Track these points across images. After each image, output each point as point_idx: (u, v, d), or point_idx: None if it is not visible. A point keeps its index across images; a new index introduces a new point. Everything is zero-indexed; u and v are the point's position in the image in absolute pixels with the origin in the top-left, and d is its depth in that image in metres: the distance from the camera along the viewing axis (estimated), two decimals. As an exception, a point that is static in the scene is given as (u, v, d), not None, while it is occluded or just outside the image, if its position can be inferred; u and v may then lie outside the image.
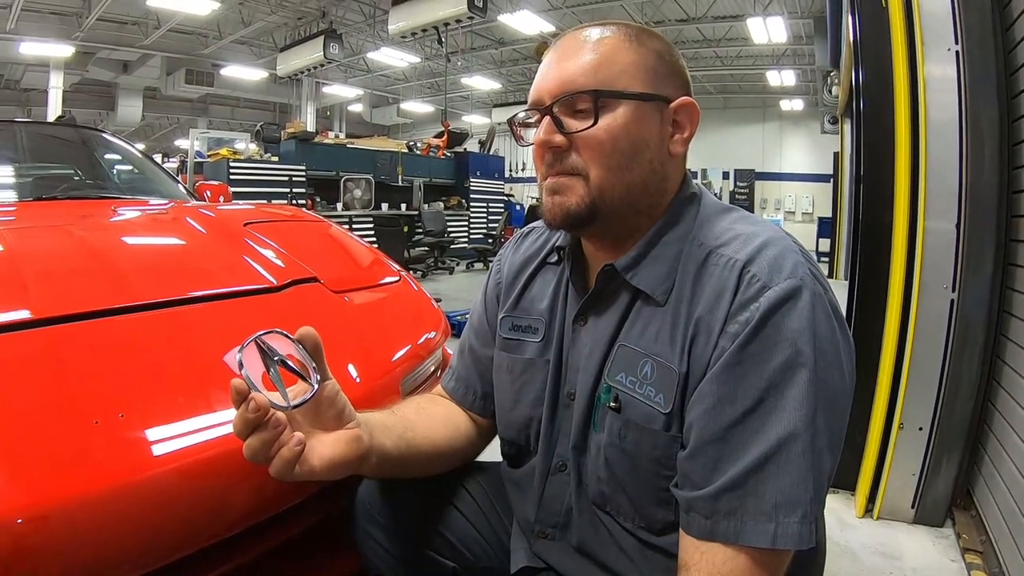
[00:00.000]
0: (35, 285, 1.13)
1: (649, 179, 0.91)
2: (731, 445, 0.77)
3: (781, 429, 0.75)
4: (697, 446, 0.80)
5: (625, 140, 0.88)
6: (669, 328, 0.87)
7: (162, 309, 1.14)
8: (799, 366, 0.76)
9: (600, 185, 0.88)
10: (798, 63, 16.66)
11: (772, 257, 0.82)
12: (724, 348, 0.80)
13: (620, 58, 0.89)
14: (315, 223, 2.03)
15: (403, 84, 23.15)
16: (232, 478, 0.84)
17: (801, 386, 0.76)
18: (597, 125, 0.87)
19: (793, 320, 0.77)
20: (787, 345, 0.76)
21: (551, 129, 0.89)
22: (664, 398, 0.85)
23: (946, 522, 2.48)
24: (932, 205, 2.33)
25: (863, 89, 2.68)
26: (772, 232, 0.87)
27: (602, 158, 0.88)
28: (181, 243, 1.63)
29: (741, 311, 0.80)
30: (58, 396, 0.88)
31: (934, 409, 2.40)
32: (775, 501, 0.74)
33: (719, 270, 0.85)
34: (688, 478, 0.81)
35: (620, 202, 0.90)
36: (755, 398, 0.77)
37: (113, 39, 16.02)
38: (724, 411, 0.78)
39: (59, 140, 3.07)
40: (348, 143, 12.85)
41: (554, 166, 0.91)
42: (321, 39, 14.55)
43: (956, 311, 2.32)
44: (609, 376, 0.92)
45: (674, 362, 0.85)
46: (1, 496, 0.72)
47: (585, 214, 0.89)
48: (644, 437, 0.87)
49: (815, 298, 0.79)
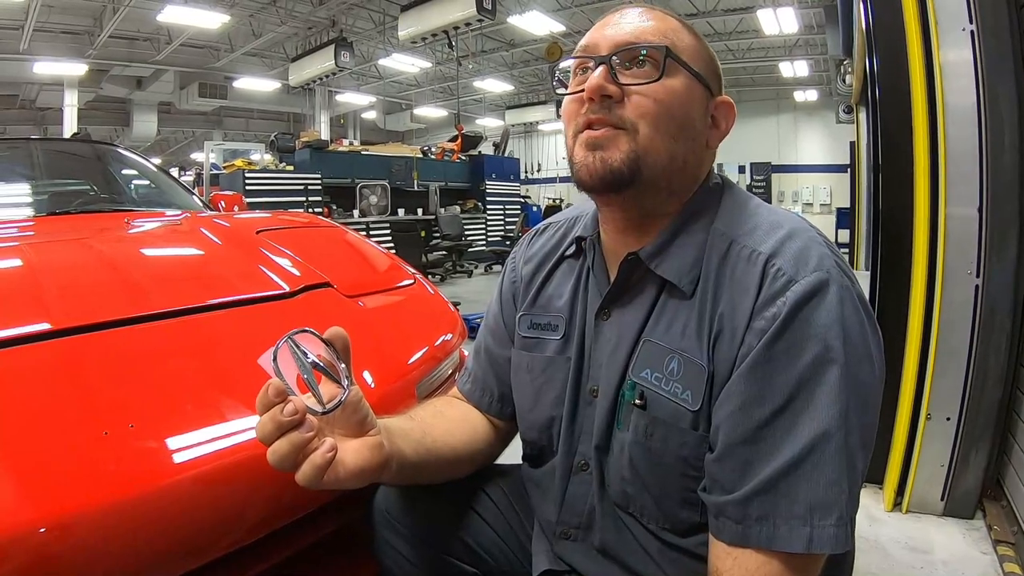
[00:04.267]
0: (51, 297, 1.13)
1: (689, 158, 0.90)
2: (761, 447, 0.75)
3: (813, 429, 0.73)
4: (725, 448, 0.78)
5: (680, 109, 0.86)
6: (696, 322, 0.85)
7: (173, 318, 1.14)
8: (829, 362, 0.74)
9: (647, 145, 0.85)
10: (810, 53, 16.55)
11: (797, 250, 0.80)
12: (751, 345, 0.77)
13: (684, 36, 0.89)
14: (328, 228, 2.03)
15: (415, 90, 23.24)
16: (244, 487, 0.84)
17: (832, 383, 0.73)
18: (661, 82, 0.85)
19: (822, 315, 0.75)
20: (816, 341, 0.74)
21: (608, 76, 0.86)
22: (692, 395, 0.83)
23: (976, 514, 2.44)
24: (953, 191, 2.30)
25: (878, 76, 2.65)
26: (795, 223, 0.85)
27: (655, 118, 0.85)
28: (194, 252, 1.64)
29: (767, 307, 0.78)
30: (71, 407, 0.88)
31: (961, 398, 2.36)
32: (809, 504, 0.72)
33: (742, 263, 0.82)
34: (717, 482, 0.79)
35: (662, 170, 0.87)
36: (785, 397, 0.74)
37: (125, 56, 16.20)
38: (753, 412, 0.76)
39: (74, 156, 3.10)
40: (362, 150, 12.91)
41: (598, 114, 0.86)
42: (332, 48, 14.63)
43: (981, 297, 2.28)
44: (634, 372, 0.90)
45: (702, 358, 0.83)
46: (23, 506, 0.72)
47: (627, 173, 0.85)
48: (671, 435, 0.85)
49: (843, 291, 0.77)
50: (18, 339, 0.99)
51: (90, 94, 17.48)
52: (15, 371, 0.92)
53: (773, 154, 19.79)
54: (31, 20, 13.12)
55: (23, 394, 0.89)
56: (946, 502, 2.45)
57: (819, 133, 19.61)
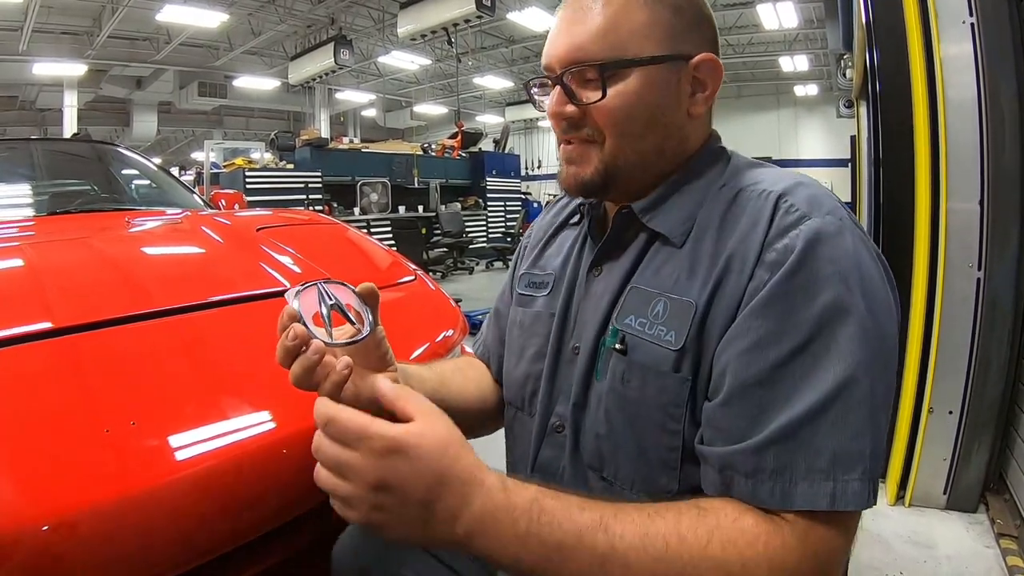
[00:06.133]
0: (53, 296, 1.13)
1: (665, 144, 0.87)
2: (778, 389, 0.67)
3: (838, 372, 0.66)
4: (734, 391, 0.70)
5: (638, 108, 0.83)
6: (688, 265, 0.80)
7: (175, 316, 1.14)
8: (851, 306, 0.68)
9: (613, 153, 0.85)
10: (810, 47, 16.54)
11: (810, 194, 0.76)
12: (763, 279, 0.71)
13: (631, 18, 0.83)
14: (329, 226, 2.02)
15: (415, 87, 23.25)
16: (248, 483, 0.84)
17: (855, 328, 0.67)
18: (607, 97, 0.82)
19: (840, 256, 0.70)
20: (837, 281, 0.68)
21: (562, 100, 0.86)
22: (676, 335, 0.77)
23: (979, 507, 2.44)
24: (954, 185, 2.30)
25: (878, 70, 2.65)
26: (805, 178, 0.82)
27: (615, 127, 0.84)
28: (195, 251, 1.64)
29: (779, 238, 0.72)
30: (73, 405, 0.88)
31: (964, 392, 2.36)
32: (833, 455, 0.65)
33: (752, 201, 0.79)
34: (722, 430, 0.71)
35: (633, 168, 0.86)
36: (805, 336, 0.68)
37: (125, 56, 16.22)
38: (769, 349, 0.69)
39: (75, 156, 3.10)
40: (363, 148, 12.91)
41: (568, 133, 0.87)
42: (331, 46, 14.65)
43: (983, 291, 2.29)
44: (618, 320, 0.85)
45: (691, 294, 0.77)
46: (26, 504, 0.73)
47: (599, 183, 0.87)
48: (649, 379, 0.79)
49: (858, 240, 0.72)
50: (21, 337, 0.99)
51: (90, 94, 17.51)
52: (17, 369, 0.93)
53: (773, 149, 19.78)
54: (30, 21, 13.13)
55: (25, 392, 0.89)
56: (949, 496, 2.45)
57: (819, 127, 19.63)
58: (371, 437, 0.64)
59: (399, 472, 0.64)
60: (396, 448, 0.64)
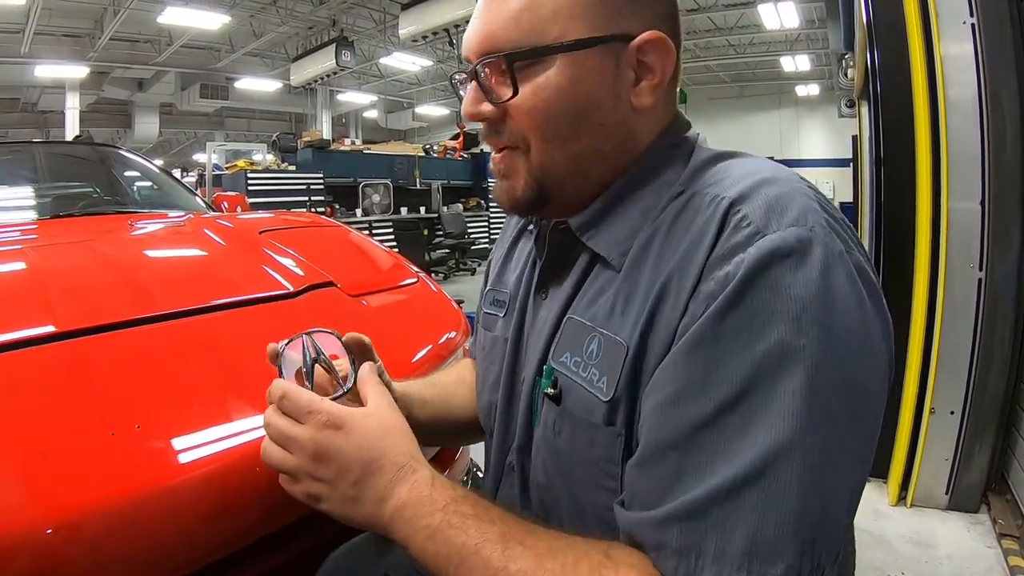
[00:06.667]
0: (57, 299, 1.14)
1: (602, 145, 0.73)
2: (695, 455, 0.55)
3: (769, 439, 0.52)
4: (648, 451, 0.59)
5: (561, 105, 0.69)
6: (624, 294, 0.67)
7: (178, 319, 1.14)
8: (797, 351, 0.53)
9: (540, 161, 0.73)
10: (812, 47, 16.51)
11: (772, 197, 0.60)
12: (695, 314, 0.58)
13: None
14: (331, 228, 2.03)
15: (417, 88, 23.24)
16: (252, 485, 0.84)
17: (801, 380, 0.53)
18: (520, 95, 0.69)
19: (797, 283, 0.55)
20: (784, 319, 0.54)
21: (477, 98, 0.74)
22: (607, 381, 0.65)
23: (981, 507, 2.45)
24: (955, 184, 2.30)
25: (880, 70, 2.65)
26: (779, 171, 0.66)
27: (537, 130, 0.71)
28: (198, 253, 1.65)
29: (722, 263, 0.58)
30: (77, 408, 0.89)
31: (965, 392, 2.37)
32: (750, 542, 0.52)
33: (700, 212, 0.64)
34: (636, 495, 0.60)
35: (567, 175, 0.73)
36: (735, 391, 0.54)
37: (127, 58, 16.23)
38: (689, 405, 0.56)
39: (77, 158, 3.11)
40: (365, 149, 12.93)
41: (491, 137, 0.76)
42: (333, 47, 14.64)
43: (984, 290, 2.29)
44: (553, 357, 0.74)
45: (624, 333, 0.65)
46: (30, 507, 0.73)
47: (534, 198, 0.75)
48: (580, 431, 0.68)
49: (829, 256, 0.56)
50: (25, 341, 1.00)
51: (92, 96, 17.52)
52: (22, 373, 0.93)
53: (775, 149, 19.74)
54: (32, 23, 13.14)
55: (30, 395, 0.90)
56: (950, 496, 2.46)
57: (821, 127, 19.59)
58: (318, 411, 0.69)
59: (337, 445, 0.67)
60: (337, 422, 0.68)
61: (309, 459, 0.68)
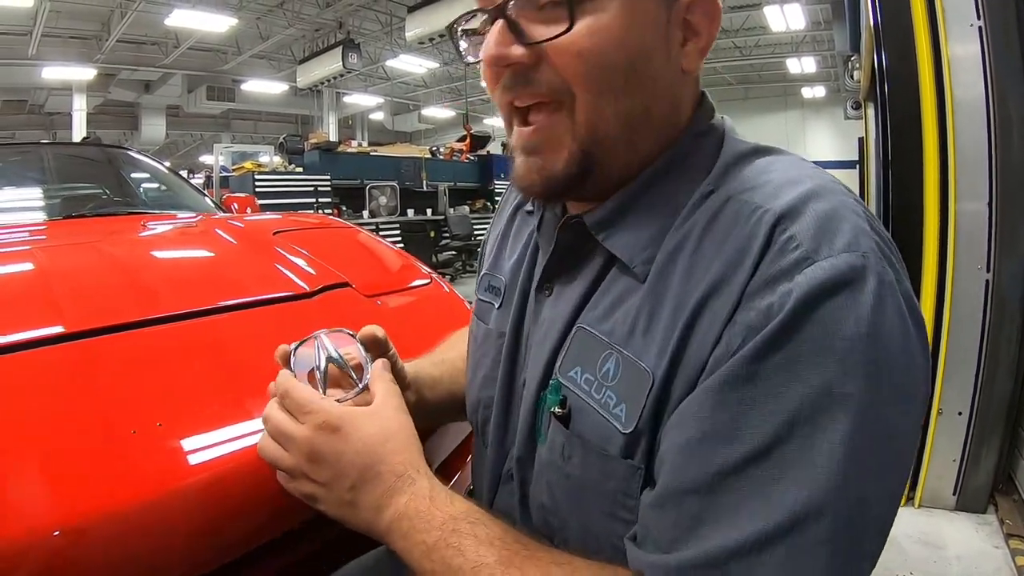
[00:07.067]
0: (70, 300, 1.15)
1: (653, 104, 0.64)
2: (718, 503, 0.49)
3: (801, 495, 0.47)
4: (667, 493, 0.53)
5: (617, 50, 0.59)
6: (648, 310, 0.59)
7: (195, 319, 1.15)
8: (845, 400, 0.47)
9: (589, 119, 0.61)
10: (817, 49, 16.52)
11: (822, 214, 0.53)
12: (730, 346, 0.52)
13: None
14: (343, 229, 2.04)
15: (423, 90, 23.31)
16: (260, 486, 0.81)
17: (843, 431, 0.47)
18: (575, 30, 0.58)
19: (848, 321, 0.48)
20: (832, 362, 0.48)
21: (506, 38, 0.61)
22: (626, 411, 0.58)
23: (988, 508, 2.45)
24: (963, 186, 2.31)
25: (887, 72, 2.66)
26: (824, 179, 0.58)
27: (588, 77, 0.60)
28: (213, 254, 1.66)
29: (765, 292, 0.51)
30: (93, 408, 0.89)
31: (973, 393, 2.38)
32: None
33: (740, 224, 0.55)
34: (649, 533, 0.54)
35: (617, 140, 0.63)
36: (768, 439, 0.48)
37: (133, 60, 16.32)
38: (716, 449, 0.50)
39: (91, 160, 3.12)
40: (371, 151, 12.92)
41: (518, 88, 0.63)
42: (339, 49, 14.70)
43: (992, 291, 2.30)
44: (561, 370, 0.66)
45: (648, 359, 0.57)
46: (36, 509, 0.72)
47: (576, 173, 0.64)
48: (592, 462, 0.61)
49: (883, 287, 0.50)
50: (48, 339, 1.01)
51: (98, 98, 17.61)
52: (37, 373, 0.94)
53: (781, 151, 19.73)
54: (39, 26, 13.23)
55: (43, 396, 0.90)
56: (958, 497, 2.47)
57: (827, 129, 19.62)
58: (315, 412, 0.67)
59: (333, 447, 0.65)
60: (334, 425, 0.66)
61: (305, 460, 0.67)
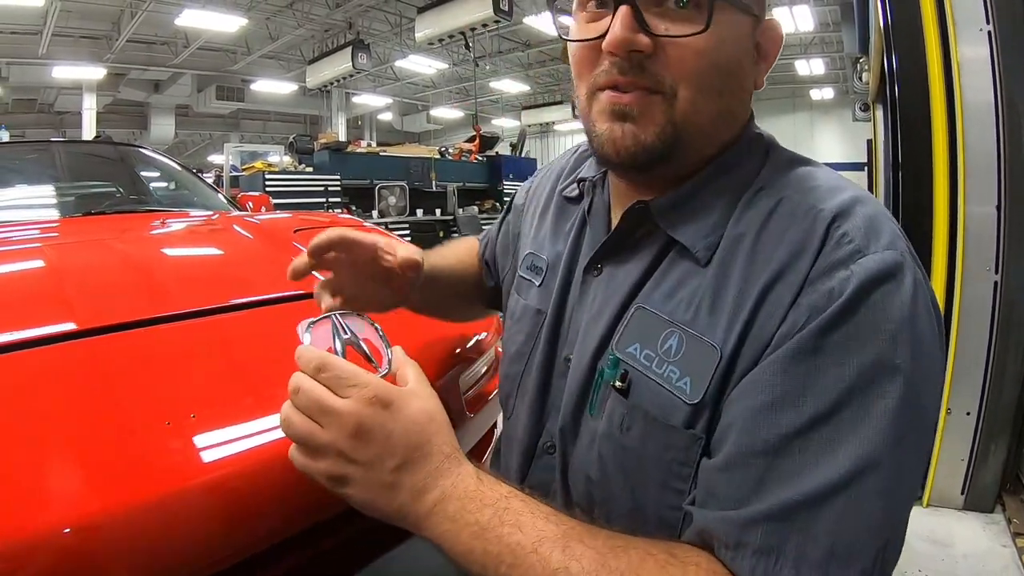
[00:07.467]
0: (99, 296, 1.17)
1: (735, 108, 0.73)
2: (786, 462, 0.56)
3: (860, 451, 0.54)
4: (736, 456, 0.59)
5: (727, 58, 0.68)
6: (711, 293, 0.65)
7: (217, 315, 1.17)
8: (895, 371, 0.55)
9: (688, 112, 0.67)
10: (826, 51, 16.51)
11: (868, 217, 0.62)
12: (795, 324, 0.59)
13: None
14: (358, 226, 2.07)
15: (432, 91, 23.35)
16: (275, 485, 0.84)
17: (894, 398, 0.55)
18: (709, 31, 0.64)
19: (895, 305, 0.57)
20: (884, 339, 0.56)
21: (633, 25, 0.65)
22: (692, 384, 0.63)
23: (996, 508, 2.47)
24: (972, 188, 2.33)
25: (897, 75, 2.68)
26: (861, 190, 0.67)
27: (698, 76, 0.66)
28: (235, 251, 1.69)
29: (825, 278, 0.59)
30: (131, 399, 0.91)
31: (981, 393, 2.39)
32: (831, 547, 0.53)
33: (797, 220, 0.63)
34: (714, 495, 0.60)
35: (703, 132, 0.70)
36: (831, 403, 0.55)
37: (143, 59, 16.40)
38: (785, 413, 0.56)
39: (102, 157, 3.17)
40: (381, 151, 12.94)
41: (627, 75, 0.67)
42: (349, 50, 14.74)
43: (1000, 293, 2.31)
44: (618, 346, 0.71)
45: (715, 336, 0.63)
46: (47, 507, 0.72)
47: (662, 149, 0.68)
48: (654, 433, 0.66)
49: (918, 284, 0.59)
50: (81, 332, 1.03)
51: (108, 98, 17.70)
52: (87, 363, 0.97)
53: (789, 152, 19.70)
54: (50, 25, 13.31)
55: (64, 392, 0.91)
56: (966, 496, 2.48)
57: (835, 131, 19.57)
58: (365, 385, 0.61)
59: (383, 424, 0.61)
60: (386, 400, 0.62)
61: (347, 436, 0.60)
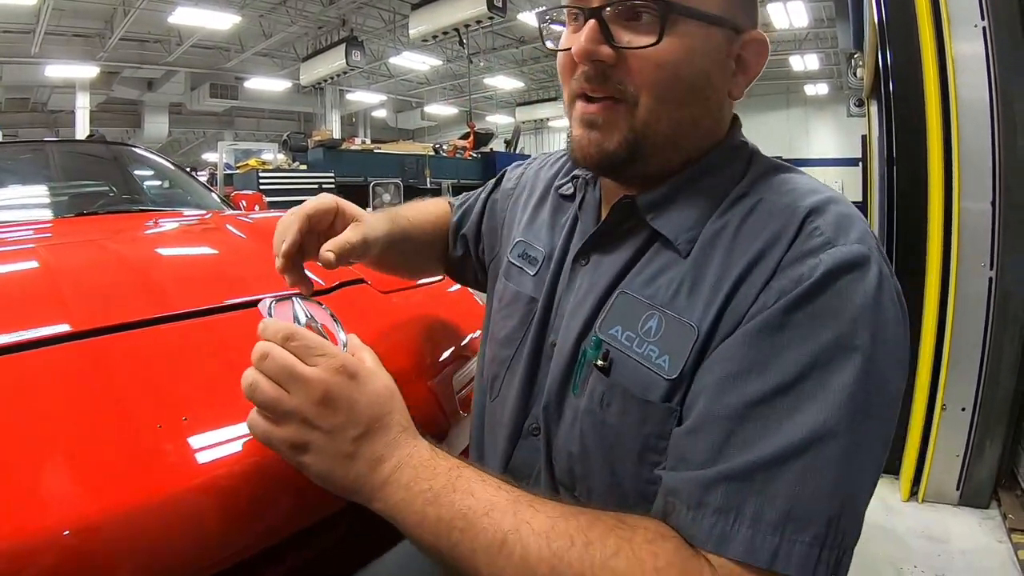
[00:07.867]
0: (91, 297, 1.16)
1: (701, 119, 0.75)
2: (747, 427, 0.59)
3: (817, 421, 0.57)
4: (702, 420, 0.62)
5: (688, 69, 0.70)
6: (691, 279, 0.70)
7: (212, 315, 1.16)
8: (853, 350, 0.59)
9: (646, 120, 0.72)
10: (821, 47, 16.53)
11: (840, 214, 0.67)
12: (765, 304, 0.63)
13: None
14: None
15: (426, 88, 23.33)
16: (273, 484, 0.83)
17: (851, 375, 0.58)
18: (660, 45, 0.68)
19: (858, 293, 0.61)
20: (846, 321, 0.60)
21: (597, 37, 0.70)
22: (670, 361, 0.67)
23: (991, 503, 2.47)
24: (966, 184, 2.33)
25: (892, 71, 2.68)
26: (838, 194, 0.71)
27: (657, 86, 0.70)
28: (230, 251, 1.68)
29: (797, 264, 0.63)
30: (118, 402, 0.88)
31: (976, 389, 2.40)
32: (787, 510, 0.56)
33: (774, 217, 0.68)
34: (683, 459, 0.63)
35: (664, 143, 0.74)
36: (793, 375, 0.59)
37: (137, 57, 16.36)
38: (749, 383, 0.60)
39: (94, 157, 3.13)
40: (375, 148, 12.93)
41: (592, 82, 0.72)
42: (342, 47, 14.73)
43: (995, 289, 2.32)
44: (601, 328, 0.75)
45: (693, 316, 0.67)
46: (46, 508, 0.70)
47: (624, 157, 0.73)
48: (632, 409, 0.69)
49: (883, 276, 0.63)
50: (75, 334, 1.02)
51: (101, 96, 17.67)
52: (82, 364, 0.96)
53: (784, 148, 19.69)
54: (42, 24, 13.26)
55: (62, 393, 0.91)
56: (961, 492, 2.49)
57: (830, 127, 19.61)
58: (334, 355, 0.65)
59: (348, 394, 0.64)
60: (352, 371, 0.65)
61: (313, 403, 0.63)
